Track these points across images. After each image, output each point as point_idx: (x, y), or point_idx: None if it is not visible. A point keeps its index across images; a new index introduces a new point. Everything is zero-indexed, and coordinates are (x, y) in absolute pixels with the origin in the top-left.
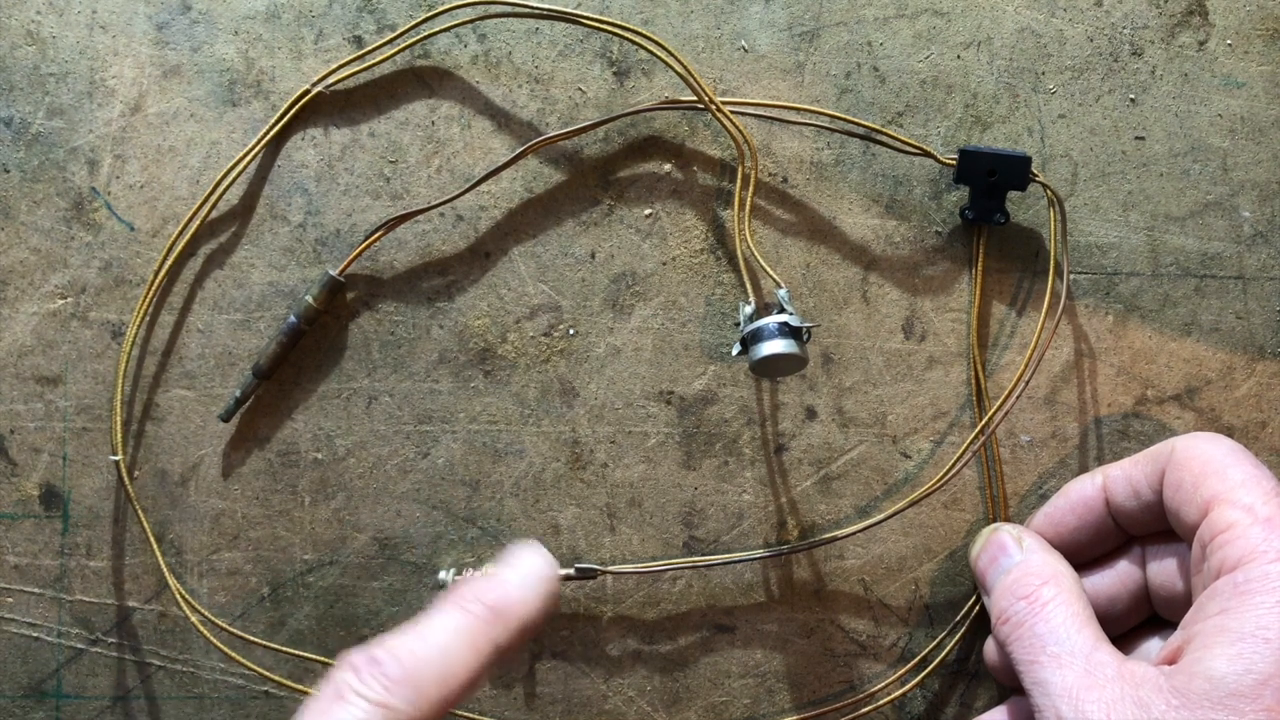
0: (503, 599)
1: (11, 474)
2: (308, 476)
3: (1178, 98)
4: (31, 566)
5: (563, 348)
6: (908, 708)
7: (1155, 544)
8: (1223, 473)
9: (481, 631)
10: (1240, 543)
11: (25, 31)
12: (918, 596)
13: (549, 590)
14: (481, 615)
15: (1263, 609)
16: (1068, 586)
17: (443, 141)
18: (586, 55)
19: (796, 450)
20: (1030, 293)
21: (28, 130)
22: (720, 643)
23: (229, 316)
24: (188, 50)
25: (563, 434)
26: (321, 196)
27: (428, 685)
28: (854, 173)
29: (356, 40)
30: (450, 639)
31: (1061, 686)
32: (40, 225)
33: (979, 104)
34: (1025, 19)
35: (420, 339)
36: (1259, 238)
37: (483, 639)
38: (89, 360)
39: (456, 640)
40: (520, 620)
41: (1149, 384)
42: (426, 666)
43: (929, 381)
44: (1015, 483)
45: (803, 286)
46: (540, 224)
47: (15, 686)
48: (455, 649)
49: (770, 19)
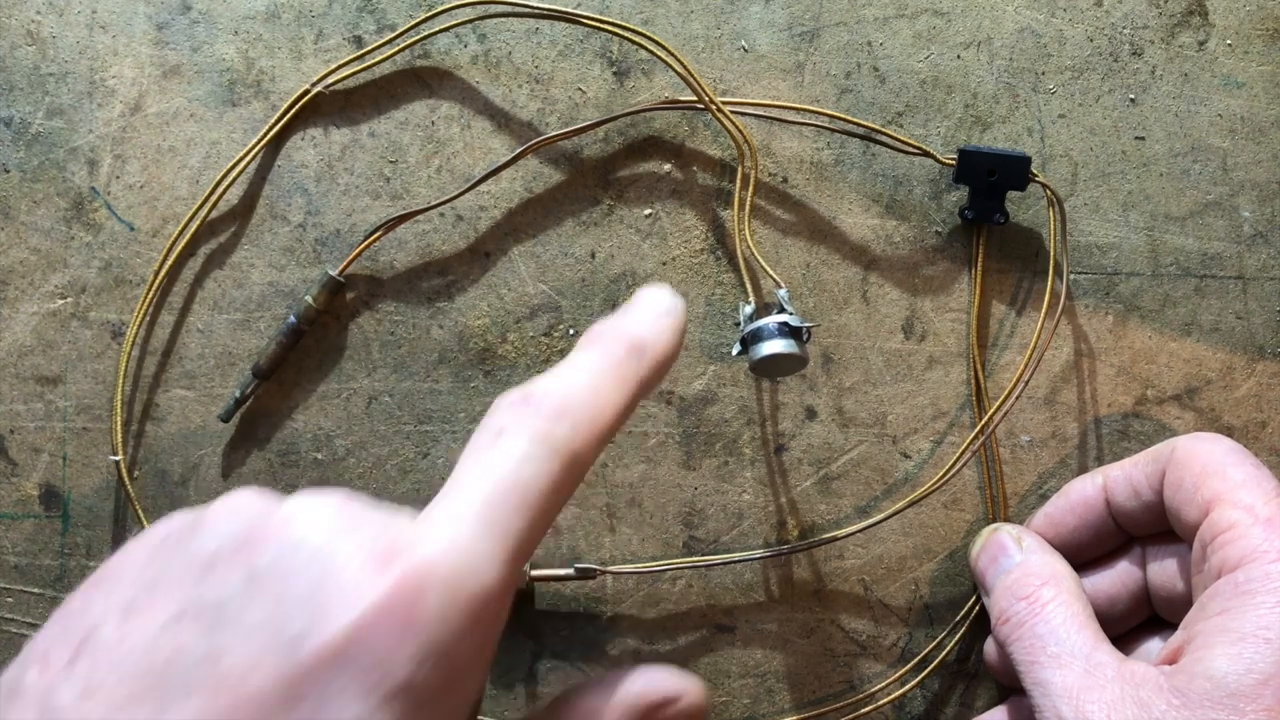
0: (639, 336)
1: (11, 474)
2: (308, 476)
3: (1178, 98)
4: (31, 566)
5: (563, 348)
6: (908, 708)
7: (1155, 544)
8: (1223, 473)
9: (625, 367)
10: (1241, 543)
11: (25, 31)
12: (918, 596)
13: (680, 324)
14: (622, 353)
15: (1264, 609)
16: (1068, 587)
17: (443, 141)
18: (586, 55)
19: (796, 450)
20: (1030, 293)
21: (28, 130)
22: (720, 643)
23: (229, 316)
24: (188, 50)
25: None
26: (321, 196)
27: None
28: (854, 173)
29: (356, 40)
30: (597, 377)
31: (1062, 687)
32: (40, 225)
33: (979, 104)
34: (1025, 19)
35: (420, 339)
36: (1259, 238)
37: (628, 374)
38: (89, 360)
39: (603, 378)
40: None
41: (1149, 384)
42: (580, 400)
43: (929, 381)
44: (1015, 483)
45: (803, 286)
46: (540, 224)
47: None
48: (603, 385)
49: (770, 19)
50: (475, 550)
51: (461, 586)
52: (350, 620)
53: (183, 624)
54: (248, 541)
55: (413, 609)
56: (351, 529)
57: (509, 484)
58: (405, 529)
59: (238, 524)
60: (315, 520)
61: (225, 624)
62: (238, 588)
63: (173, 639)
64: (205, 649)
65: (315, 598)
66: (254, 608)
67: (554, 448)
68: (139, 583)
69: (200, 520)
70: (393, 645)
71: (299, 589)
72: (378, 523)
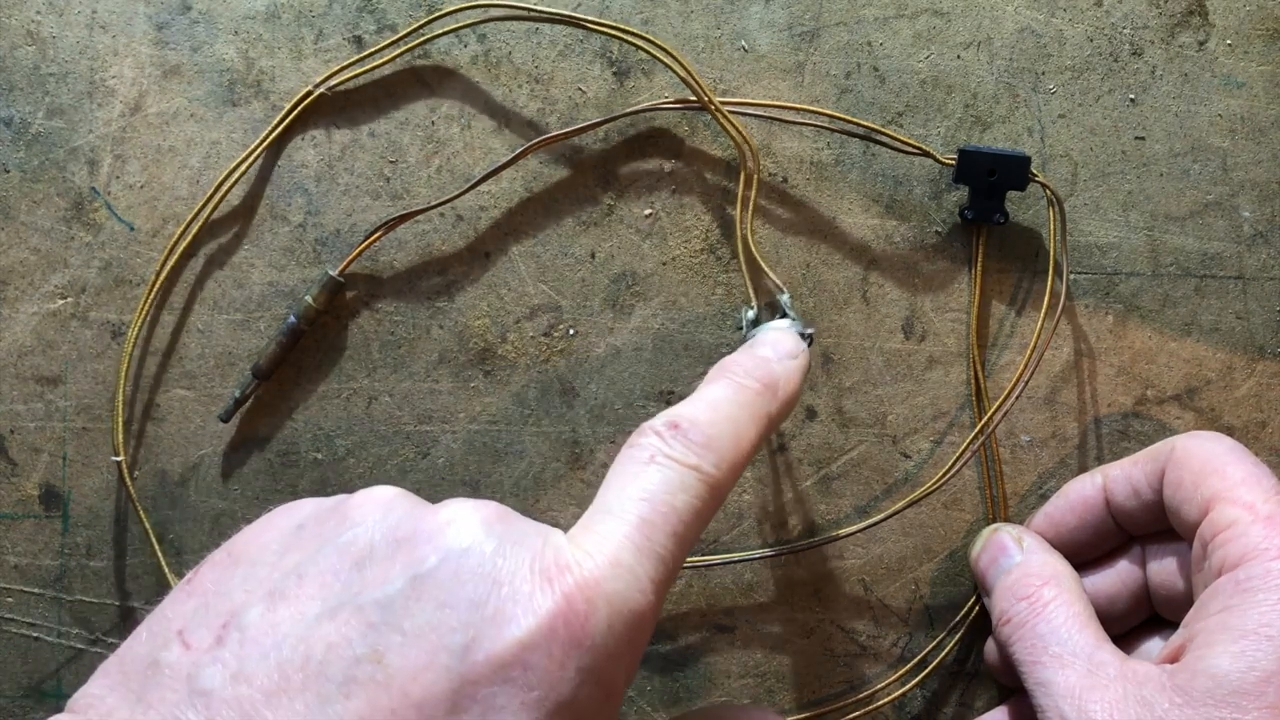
0: (770, 373)
1: (11, 474)
2: (308, 476)
3: (1178, 98)
4: (31, 566)
5: (563, 348)
6: (907, 708)
7: (1155, 543)
8: (1223, 471)
9: (759, 403)
10: (1242, 540)
11: (25, 31)
12: (918, 597)
13: (805, 365)
14: (756, 389)
15: (1265, 606)
16: (1068, 587)
17: (443, 141)
18: (586, 55)
19: (796, 450)
20: (1030, 292)
21: (28, 130)
22: (720, 643)
23: (229, 316)
24: (188, 50)
25: (563, 434)
26: (321, 196)
27: (727, 450)
28: (854, 173)
29: (356, 40)
30: (735, 410)
31: (1064, 687)
32: (40, 225)
33: (979, 104)
34: (1025, 19)
35: (420, 339)
36: (1259, 238)
37: (760, 410)
38: (89, 360)
39: (740, 410)
40: (787, 392)
41: (1149, 384)
42: (723, 433)
43: (929, 381)
44: (1015, 483)
45: (803, 286)
46: (540, 224)
47: (15, 686)
48: (741, 419)
49: (770, 19)
50: (634, 572)
51: (623, 607)
52: (521, 633)
53: (339, 618)
54: (405, 541)
55: (581, 627)
56: (514, 540)
57: (664, 510)
58: (565, 546)
59: (392, 521)
60: (476, 527)
61: (388, 624)
62: (401, 587)
63: (329, 632)
64: (367, 648)
65: (484, 607)
66: (419, 610)
67: (702, 478)
68: (282, 568)
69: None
70: (560, 661)
71: (467, 596)
72: (538, 535)
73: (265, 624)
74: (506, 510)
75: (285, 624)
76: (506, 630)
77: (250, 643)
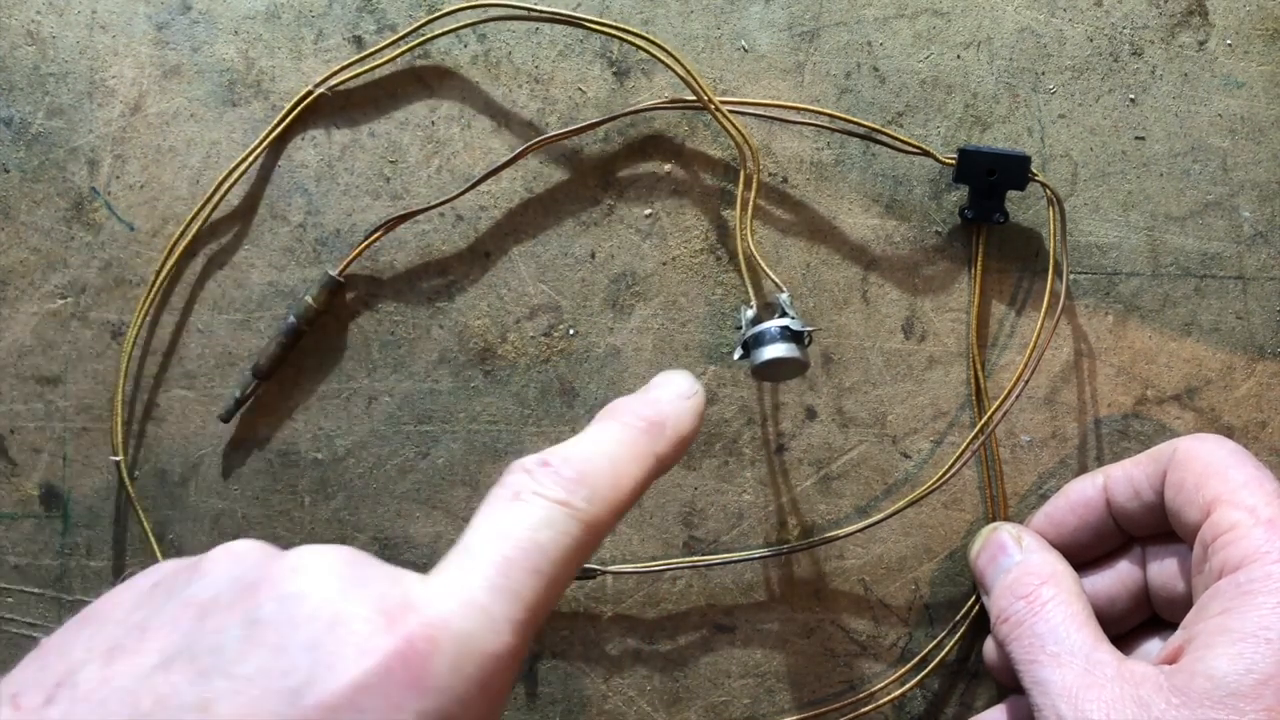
0: (659, 413)
1: (11, 474)
2: (308, 476)
3: (1178, 98)
4: (31, 566)
5: (563, 348)
6: (908, 708)
7: (1155, 545)
8: (1225, 474)
9: (643, 442)
10: (1242, 544)
11: (25, 31)
12: (918, 596)
13: (699, 405)
14: (641, 427)
15: (1265, 609)
16: (1067, 586)
17: (443, 141)
18: (586, 55)
19: (796, 450)
20: (1030, 292)
21: (28, 130)
22: (720, 643)
23: (229, 316)
24: (188, 50)
25: (563, 434)
26: (321, 196)
27: (602, 487)
28: (854, 173)
29: (356, 40)
30: (615, 448)
31: (1061, 686)
32: (40, 225)
33: (979, 104)
34: (1025, 19)
35: (420, 339)
36: (1259, 238)
37: (645, 449)
38: (89, 360)
39: (621, 449)
40: (677, 432)
41: (1149, 384)
42: (598, 470)
43: (929, 381)
44: (1015, 483)
45: (803, 286)
46: (540, 224)
47: None
48: (621, 457)
49: (770, 19)
50: (488, 612)
51: (473, 648)
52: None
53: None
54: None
55: (421, 668)
56: (359, 582)
57: (525, 547)
58: (415, 586)
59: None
60: (321, 571)
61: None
62: (235, 635)
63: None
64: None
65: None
66: (252, 656)
67: (571, 514)
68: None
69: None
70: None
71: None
72: (386, 578)
73: (98, 680)
74: (360, 554)
75: (119, 679)
76: (339, 672)
77: (80, 700)
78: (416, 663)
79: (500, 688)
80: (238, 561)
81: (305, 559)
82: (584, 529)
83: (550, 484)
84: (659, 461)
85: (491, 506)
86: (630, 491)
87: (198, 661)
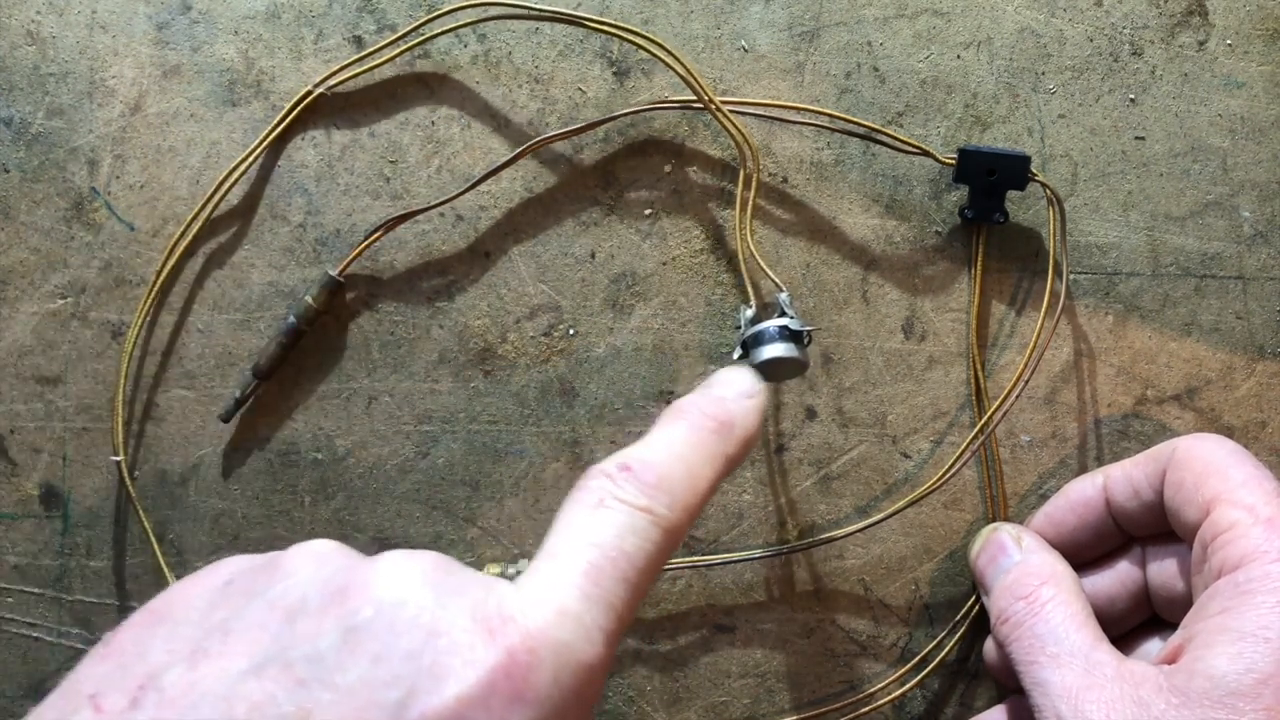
0: (726, 412)
1: (11, 474)
2: (308, 476)
3: (1178, 98)
4: (31, 566)
5: (563, 348)
6: (908, 708)
7: (1155, 544)
8: (1224, 473)
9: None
10: (1242, 543)
11: (25, 31)
12: (918, 596)
13: (763, 404)
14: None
15: (1264, 608)
16: (1067, 586)
17: (443, 141)
18: (586, 55)
19: (796, 450)
20: (1030, 292)
21: (28, 130)
22: (720, 643)
23: (229, 316)
24: (188, 50)
25: (563, 434)
26: (321, 196)
27: (680, 491)
28: (854, 173)
29: (356, 40)
30: (688, 450)
31: (1061, 686)
32: (40, 225)
33: (979, 104)
34: (1025, 19)
35: (420, 339)
36: (1259, 238)
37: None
38: (89, 360)
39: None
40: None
41: (1149, 384)
42: (676, 474)
43: (929, 381)
44: (1015, 483)
45: (803, 286)
46: (540, 224)
47: (15, 686)
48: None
49: (770, 19)
50: (582, 622)
51: (570, 659)
52: (461, 690)
53: (266, 675)
54: (338, 593)
55: (524, 681)
56: (454, 590)
57: (613, 555)
58: (509, 595)
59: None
60: (415, 578)
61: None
62: (332, 642)
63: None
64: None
65: (421, 662)
66: (351, 666)
67: (654, 520)
68: (205, 625)
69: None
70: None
71: (403, 648)
72: (479, 585)
73: (185, 683)
74: (447, 559)
75: (207, 682)
76: (444, 685)
77: (168, 704)
78: (519, 675)
79: (592, 698)
80: (322, 564)
81: (398, 564)
82: (665, 535)
83: (633, 490)
84: (728, 463)
85: (575, 512)
86: (704, 495)
87: (293, 669)
